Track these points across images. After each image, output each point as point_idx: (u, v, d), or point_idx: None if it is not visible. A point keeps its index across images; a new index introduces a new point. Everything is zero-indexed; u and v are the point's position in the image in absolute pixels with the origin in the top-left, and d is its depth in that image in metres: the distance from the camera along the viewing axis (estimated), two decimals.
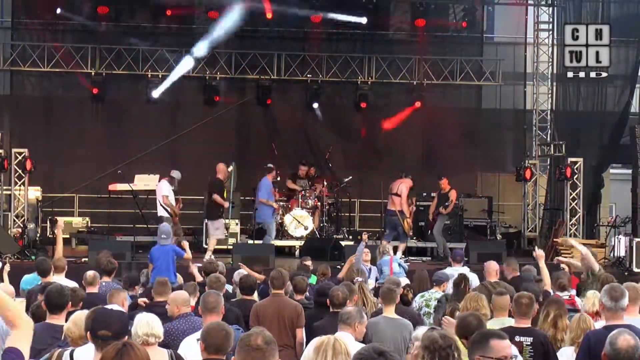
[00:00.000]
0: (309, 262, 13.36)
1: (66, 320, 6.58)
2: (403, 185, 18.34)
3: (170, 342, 7.53)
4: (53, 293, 7.33)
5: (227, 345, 5.60)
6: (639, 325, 6.07)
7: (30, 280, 11.23)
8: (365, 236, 14.49)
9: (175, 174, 17.96)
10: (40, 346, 6.27)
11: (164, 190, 17.65)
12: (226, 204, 17.88)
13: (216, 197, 17.58)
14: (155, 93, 21.81)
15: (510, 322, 7.64)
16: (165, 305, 8.69)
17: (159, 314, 7.14)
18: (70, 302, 7.45)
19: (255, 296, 10.12)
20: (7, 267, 11.50)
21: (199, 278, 11.86)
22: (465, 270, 12.82)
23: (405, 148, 23.27)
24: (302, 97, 22.98)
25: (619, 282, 8.14)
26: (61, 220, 13.58)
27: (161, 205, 17.56)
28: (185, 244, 13.39)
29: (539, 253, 10.98)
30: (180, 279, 12.51)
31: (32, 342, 4.53)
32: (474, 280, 12.63)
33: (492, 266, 11.37)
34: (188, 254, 13.08)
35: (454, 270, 12.64)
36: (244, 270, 11.80)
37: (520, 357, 6.31)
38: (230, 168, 19.71)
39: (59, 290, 7.38)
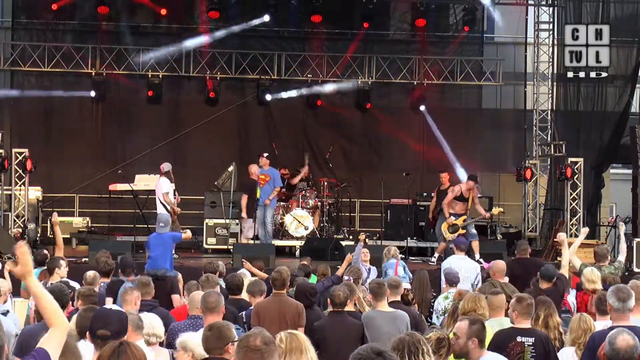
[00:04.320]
0: (307, 262, 13.38)
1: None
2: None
3: (172, 341, 7.55)
4: (54, 293, 7.33)
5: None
6: None
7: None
8: (362, 236, 14.48)
9: (166, 166, 17.87)
10: None
11: (164, 188, 17.62)
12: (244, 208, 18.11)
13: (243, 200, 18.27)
14: None
15: (507, 321, 7.64)
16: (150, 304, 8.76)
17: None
18: (71, 302, 7.46)
19: (244, 295, 10.06)
20: (7, 267, 11.50)
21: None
22: (467, 259, 12.79)
23: (406, 148, 23.27)
24: (302, 97, 22.99)
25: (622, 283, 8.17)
26: (54, 215, 13.43)
27: (161, 202, 17.56)
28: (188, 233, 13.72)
29: (562, 238, 10.87)
30: (179, 277, 12.49)
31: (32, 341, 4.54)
32: (473, 271, 12.64)
33: (499, 265, 11.07)
34: (187, 234, 13.48)
35: (457, 259, 12.60)
36: (246, 271, 11.78)
37: None
38: (231, 168, 19.73)
39: (60, 289, 7.39)
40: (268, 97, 22.39)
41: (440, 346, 5.94)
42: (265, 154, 18.76)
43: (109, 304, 9.56)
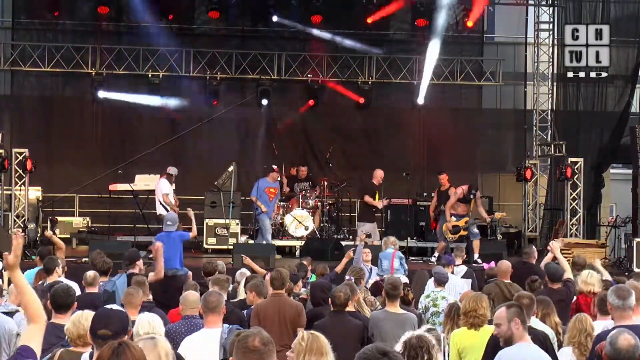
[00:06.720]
0: (307, 262, 13.39)
1: None
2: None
3: (171, 343, 7.53)
4: (59, 293, 7.31)
5: None
6: None
7: (32, 275, 11.20)
8: (362, 236, 14.45)
9: (172, 170, 17.99)
10: (45, 345, 6.25)
11: (164, 189, 17.66)
12: (379, 205, 18.51)
13: (367, 198, 18.28)
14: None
15: None
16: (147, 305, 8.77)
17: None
18: (76, 302, 7.44)
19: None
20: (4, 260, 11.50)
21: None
22: (452, 276, 12.67)
23: (406, 148, 23.24)
24: (302, 97, 22.97)
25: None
26: (49, 232, 13.80)
27: (161, 203, 17.57)
28: (191, 213, 13.60)
29: (554, 245, 10.89)
30: (190, 274, 12.53)
31: None
32: (465, 285, 12.56)
33: (504, 266, 11.23)
34: (194, 232, 13.39)
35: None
36: (246, 270, 11.78)
37: None
38: (231, 168, 19.73)
39: (66, 290, 7.36)
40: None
41: None
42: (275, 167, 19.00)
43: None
